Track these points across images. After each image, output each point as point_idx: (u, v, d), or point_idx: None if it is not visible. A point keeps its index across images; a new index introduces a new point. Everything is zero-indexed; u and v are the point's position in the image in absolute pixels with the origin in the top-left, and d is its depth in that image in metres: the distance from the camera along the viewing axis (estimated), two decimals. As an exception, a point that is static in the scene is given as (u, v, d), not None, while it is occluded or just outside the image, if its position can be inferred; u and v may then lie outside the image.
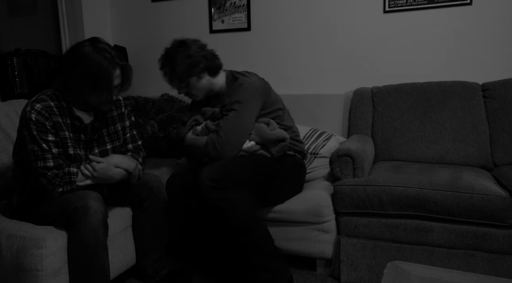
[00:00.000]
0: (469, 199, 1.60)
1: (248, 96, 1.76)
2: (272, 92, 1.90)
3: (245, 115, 1.74)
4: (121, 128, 1.71)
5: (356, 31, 2.56)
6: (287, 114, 1.97)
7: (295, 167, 1.90)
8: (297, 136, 1.97)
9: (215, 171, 1.60)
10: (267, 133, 1.75)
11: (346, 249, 1.82)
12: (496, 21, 2.28)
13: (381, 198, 1.72)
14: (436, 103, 2.19)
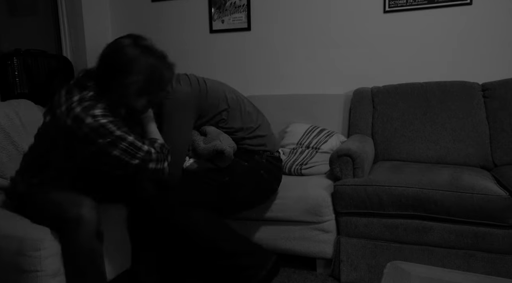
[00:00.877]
0: (469, 199, 1.60)
1: (172, 112, 1.60)
2: (209, 96, 1.69)
3: (174, 133, 1.61)
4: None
5: (356, 31, 2.56)
6: (238, 112, 1.75)
7: (248, 173, 1.73)
8: (252, 132, 1.75)
9: (162, 201, 1.59)
10: (200, 148, 1.64)
11: (346, 249, 1.82)
12: (496, 21, 2.28)
13: (381, 198, 1.72)
14: (436, 103, 2.19)
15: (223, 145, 1.63)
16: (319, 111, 2.52)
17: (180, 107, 1.62)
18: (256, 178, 1.74)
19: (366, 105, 2.36)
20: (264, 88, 2.79)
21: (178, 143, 1.63)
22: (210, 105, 1.69)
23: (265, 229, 1.93)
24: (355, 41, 2.57)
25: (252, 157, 1.74)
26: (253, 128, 1.75)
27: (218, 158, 1.66)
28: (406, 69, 2.47)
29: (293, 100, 2.59)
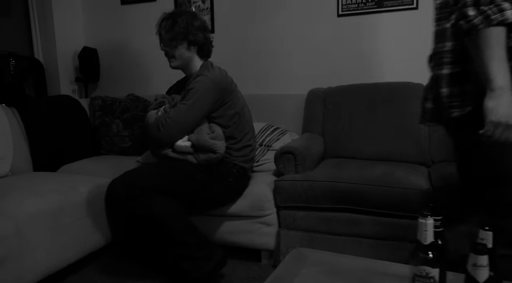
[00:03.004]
0: (392, 193, 1.72)
1: (202, 90, 1.78)
2: (233, 92, 1.90)
3: (193, 108, 1.78)
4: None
5: (313, 33, 2.67)
6: (244, 122, 1.95)
7: (220, 178, 1.86)
8: (241, 149, 1.92)
9: (127, 180, 1.69)
10: (203, 138, 1.78)
11: (285, 241, 1.93)
12: (440, 24, 2.39)
13: (316, 193, 1.84)
14: (381, 103, 2.30)
15: (220, 150, 1.78)
16: (277, 110, 2.63)
17: (210, 87, 1.78)
18: (223, 183, 1.87)
19: (318, 105, 2.47)
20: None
21: (190, 119, 1.79)
22: (230, 100, 1.86)
23: (212, 223, 2.03)
24: (312, 43, 2.68)
25: (227, 165, 1.88)
26: (240, 143, 1.92)
27: (204, 154, 1.78)
28: (359, 70, 2.58)
29: (253, 100, 2.67)
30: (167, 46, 1.88)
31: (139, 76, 3.22)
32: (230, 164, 1.88)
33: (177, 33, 1.84)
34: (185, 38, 1.85)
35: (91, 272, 1.99)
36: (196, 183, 1.79)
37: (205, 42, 1.91)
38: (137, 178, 1.70)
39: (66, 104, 2.77)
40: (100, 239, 1.99)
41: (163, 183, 1.72)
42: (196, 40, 1.86)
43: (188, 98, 1.78)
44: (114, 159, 2.58)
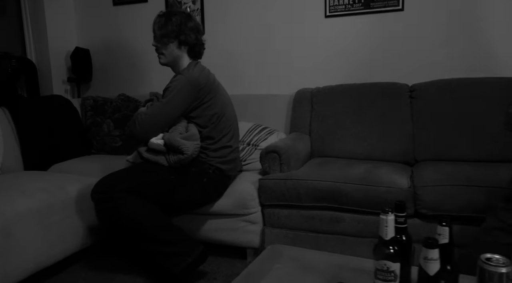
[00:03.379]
0: (374, 191, 1.75)
1: (177, 89, 1.81)
2: (214, 93, 1.91)
3: (167, 106, 1.81)
4: None
5: (301, 34, 2.70)
6: (224, 123, 1.94)
7: (194, 179, 1.87)
8: (218, 150, 1.92)
9: (101, 184, 1.74)
10: (173, 137, 1.78)
11: (270, 238, 1.96)
12: (425, 26, 2.42)
13: (299, 191, 1.87)
14: (366, 103, 2.33)
15: (188, 151, 1.78)
16: (267, 110, 2.66)
17: (187, 85, 1.81)
18: (198, 184, 1.88)
19: (305, 105, 2.50)
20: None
21: (162, 115, 1.82)
22: (210, 100, 1.88)
23: (198, 222, 2.06)
24: (300, 44, 2.71)
25: (202, 165, 1.89)
26: (217, 144, 1.92)
27: (175, 156, 1.80)
28: (346, 70, 2.62)
29: (242, 100, 2.71)
30: (158, 42, 1.91)
31: (131, 76, 3.25)
32: (206, 164, 1.89)
33: (169, 31, 1.88)
34: (177, 37, 1.89)
35: (79, 269, 2.02)
36: (169, 184, 1.81)
37: (197, 43, 1.95)
38: (110, 181, 1.74)
39: (58, 104, 2.80)
40: (88, 237, 2.02)
41: (136, 185, 1.75)
42: (187, 40, 1.90)
43: (165, 96, 1.83)
44: (104, 158, 2.61)
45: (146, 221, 1.74)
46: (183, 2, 2.99)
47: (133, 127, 1.85)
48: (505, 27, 2.28)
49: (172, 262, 1.74)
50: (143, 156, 1.87)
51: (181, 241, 1.79)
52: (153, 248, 1.75)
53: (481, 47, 2.33)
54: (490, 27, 2.30)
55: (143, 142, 1.88)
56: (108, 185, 1.73)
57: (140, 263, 2.04)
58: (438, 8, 2.39)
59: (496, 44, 2.31)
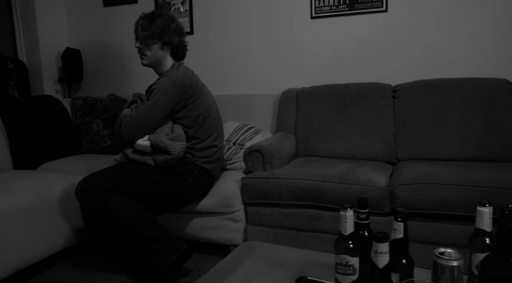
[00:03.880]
0: (351, 190, 1.78)
1: (162, 91, 1.82)
2: (198, 94, 1.94)
3: (152, 108, 1.83)
4: None
5: (288, 35, 2.73)
6: (209, 123, 1.98)
7: (179, 179, 1.90)
8: (204, 150, 1.95)
9: (85, 183, 1.77)
10: (159, 138, 1.81)
11: (252, 236, 2.00)
12: (409, 27, 2.46)
13: (280, 190, 1.90)
14: (350, 103, 2.36)
15: (175, 151, 1.81)
16: (254, 110, 2.70)
17: (171, 88, 1.83)
18: (183, 184, 1.91)
19: (291, 105, 2.53)
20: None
21: (148, 117, 1.84)
22: (195, 101, 1.90)
23: (183, 220, 2.09)
24: (287, 44, 2.74)
25: (187, 165, 1.92)
26: (202, 144, 1.95)
27: (161, 156, 1.83)
28: (331, 71, 2.65)
29: (229, 100, 2.75)
30: (141, 44, 1.92)
31: (122, 76, 3.28)
32: (191, 164, 1.92)
33: (153, 33, 1.89)
34: (161, 39, 1.90)
35: (64, 267, 2.05)
36: (154, 183, 1.83)
37: (179, 45, 1.97)
38: (94, 180, 1.77)
39: (48, 104, 2.83)
40: (74, 235, 2.05)
41: (121, 184, 1.77)
42: (171, 42, 1.92)
43: (150, 98, 1.85)
44: (93, 157, 2.64)
45: (130, 219, 1.76)
46: (172, 3, 3.02)
47: (119, 129, 1.87)
48: (487, 28, 2.31)
49: (156, 260, 1.77)
50: (130, 157, 1.90)
51: (165, 239, 1.82)
52: (137, 246, 1.78)
53: (463, 48, 2.37)
54: (472, 28, 2.34)
55: (129, 144, 1.91)
56: (91, 184, 1.76)
57: (125, 261, 2.07)
58: (421, 9, 2.42)
59: (477, 45, 2.34)
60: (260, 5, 2.77)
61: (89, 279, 1.93)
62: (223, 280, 1.07)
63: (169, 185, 1.88)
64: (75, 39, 3.36)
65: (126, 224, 1.75)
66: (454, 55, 2.39)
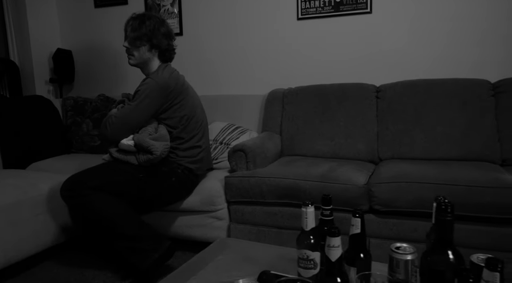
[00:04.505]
0: (331, 188, 1.82)
1: (147, 92, 1.87)
2: (183, 95, 1.97)
3: (138, 108, 1.87)
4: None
5: (275, 36, 2.77)
6: (194, 124, 2.01)
7: (161, 177, 1.93)
8: (188, 150, 1.99)
9: (69, 182, 1.80)
10: (142, 138, 1.85)
11: (235, 234, 2.03)
12: (392, 28, 2.49)
13: (262, 188, 1.94)
14: (334, 103, 2.40)
15: (157, 151, 1.84)
16: (240, 110, 2.73)
17: (156, 89, 1.87)
18: (166, 183, 1.95)
19: (276, 105, 2.57)
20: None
21: (134, 119, 1.89)
22: (180, 101, 1.94)
23: (167, 218, 2.13)
24: (274, 46, 2.78)
25: (171, 165, 1.96)
26: (187, 144, 1.99)
27: (144, 156, 1.86)
28: (318, 71, 2.69)
29: (217, 100, 2.79)
30: (130, 44, 1.96)
31: (113, 77, 3.31)
32: (175, 164, 1.95)
33: (142, 34, 1.93)
34: (149, 40, 1.94)
35: (51, 264, 2.08)
36: (138, 183, 1.86)
37: (168, 48, 2.00)
38: (78, 179, 1.80)
39: (38, 105, 2.87)
40: (61, 233, 2.08)
41: (104, 183, 1.81)
42: (159, 45, 1.96)
43: (135, 99, 1.88)
44: (82, 157, 2.68)
45: (113, 218, 1.80)
46: (162, 5, 3.06)
47: (104, 129, 1.91)
48: (467, 30, 2.35)
49: (139, 257, 1.80)
50: (114, 156, 1.94)
51: (148, 237, 1.85)
52: (121, 243, 1.81)
53: (445, 49, 2.40)
54: (454, 29, 2.37)
55: (114, 143, 1.95)
56: (76, 183, 1.80)
57: (110, 258, 2.10)
58: (404, 11, 2.46)
59: (459, 46, 2.38)
60: (248, 7, 2.81)
61: (75, 275, 1.97)
62: (194, 275, 1.11)
63: (153, 185, 1.91)
64: (66, 40, 3.40)
65: (110, 222, 1.79)
66: (436, 56, 2.42)
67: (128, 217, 1.84)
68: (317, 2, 2.62)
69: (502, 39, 2.29)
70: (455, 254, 0.72)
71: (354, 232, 0.95)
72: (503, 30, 2.29)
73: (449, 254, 0.72)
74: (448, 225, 0.73)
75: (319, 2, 2.62)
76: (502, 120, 2.09)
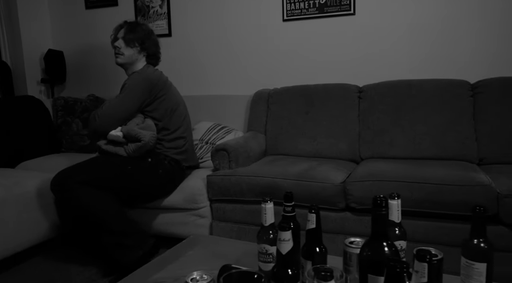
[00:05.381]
0: (308, 187, 1.86)
1: (134, 84, 2.03)
2: (166, 90, 2.09)
3: (125, 100, 2.01)
4: None
5: (261, 37, 2.81)
6: (178, 117, 2.13)
7: (150, 170, 2.00)
8: (173, 141, 2.09)
9: (58, 176, 1.85)
10: (130, 127, 1.94)
11: (217, 232, 2.07)
12: (375, 29, 2.53)
13: (242, 187, 1.98)
14: (317, 103, 2.44)
15: (145, 138, 1.92)
16: (227, 110, 2.77)
17: (142, 83, 2.02)
18: (153, 175, 2.02)
19: (262, 105, 2.61)
20: (180, 89, 3.03)
21: (122, 110, 2.01)
22: (164, 95, 2.07)
23: (151, 215, 2.17)
24: (261, 46, 2.82)
25: (158, 156, 2.03)
26: (174, 136, 2.10)
27: (133, 145, 1.93)
28: (303, 72, 2.73)
29: (204, 100, 2.84)
30: (125, 43, 2.10)
31: (103, 77, 3.36)
32: (162, 155, 2.04)
33: (136, 37, 2.11)
34: (142, 43, 2.12)
35: (38, 260, 2.13)
36: (125, 176, 1.92)
37: (155, 54, 2.20)
38: (67, 173, 1.85)
39: (29, 105, 2.91)
40: (47, 230, 2.13)
41: (93, 177, 1.86)
42: (148, 49, 2.15)
43: (121, 92, 2.01)
44: (71, 156, 2.72)
45: (100, 213, 1.85)
46: (151, 6, 3.10)
47: (93, 121, 2.01)
48: (449, 31, 2.39)
49: (123, 253, 1.85)
50: (103, 148, 2.00)
51: (134, 233, 1.90)
52: (107, 239, 1.86)
53: (427, 49, 2.44)
54: (435, 31, 2.41)
55: (103, 136, 2.02)
56: (65, 177, 1.84)
57: (96, 254, 2.15)
58: (387, 13, 2.50)
59: (440, 47, 2.41)
60: (236, 9, 2.85)
61: (60, 271, 2.01)
62: (162, 269, 1.15)
63: (140, 177, 1.98)
64: (58, 41, 3.45)
65: (97, 217, 1.84)
66: (418, 57, 2.46)
67: (115, 213, 1.89)
68: (302, 3, 2.66)
69: (483, 40, 2.33)
70: (389, 246, 0.76)
71: (310, 227, 0.99)
72: (484, 32, 2.32)
73: (384, 246, 0.76)
74: (383, 219, 0.78)
75: (304, 3, 2.66)
76: (480, 120, 2.13)
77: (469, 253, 0.87)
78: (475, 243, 0.86)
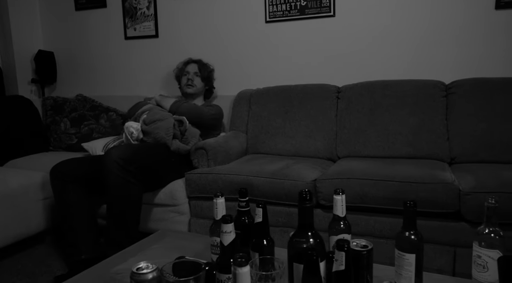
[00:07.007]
0: (281, 184, 1.91)
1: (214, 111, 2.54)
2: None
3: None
4: None
5: (246, 38, 2.87)
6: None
7: (181, 164, 2.24)
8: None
9: (124, 152, 1.90)
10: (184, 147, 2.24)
11: (195, 228, 2.13)
12: (354, 31, 2.58)
13: (218, 184, 2.03)
14: (297, 103, 2.49)
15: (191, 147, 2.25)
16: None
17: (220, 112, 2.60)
18: (180, 171, 2.24)
19: (244, 105, 2.67)
20: (166, 89, 3.10)
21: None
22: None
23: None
24: (245, 47, 2.88)
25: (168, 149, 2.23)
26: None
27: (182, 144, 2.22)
28: (285, 72, 2.78)
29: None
30: (202, 79, 2.64)
31: (92, 77, 3.42)
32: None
33: (208, 76, 2.69)
34: (208, 83, 2.71)
35: (19, 257, 2.19)
36: (170, 165, 2.19)
37: (210, 89, 2.77)
38: (61, 168, 1.99)
39: (19, 104, 2.98)
40: (31, 228, 2.18)
41: (81, 173, 2.00)
42: (210, 84, 2.74)
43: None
44: (59, 154, 2.78)
45: (69, 210, 1.97)
46: (139, 8, 3.16)
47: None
48: (426, 32, 2.43)
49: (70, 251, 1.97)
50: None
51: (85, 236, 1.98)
52: (66, 234, 2.00)
53: (405, 51, 2.49)
54: (411, 32, 2.46)
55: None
56: (131, 158, 1.90)
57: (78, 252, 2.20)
58: (365, 15, 2.55)
59: (417, 48, 2.46)
60: (221, 11, 2.91)
61: (40, 267, 2.07)
62: (123, 262, 1.20)
63: (176, 169, 2.22)
64: (49, 42, 3.51)
65: (65, 213, 1.98)
66: (397, 57, 2.51)
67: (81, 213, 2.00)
68: (284, 5, 2.72)
69: (461, 41, 2.38)
70: (314, 236, 0.82)
71: (257, 220, 1.04)
72: (463, 33, 2.37)
73: (309, 236, 0.82)
74: (308, 211, 0.83)
75: (286, 5, 2.71)
76: (452, 120, 2.18)
77: (401, 245, 0.92)
78: (406, 235, 0.92)
